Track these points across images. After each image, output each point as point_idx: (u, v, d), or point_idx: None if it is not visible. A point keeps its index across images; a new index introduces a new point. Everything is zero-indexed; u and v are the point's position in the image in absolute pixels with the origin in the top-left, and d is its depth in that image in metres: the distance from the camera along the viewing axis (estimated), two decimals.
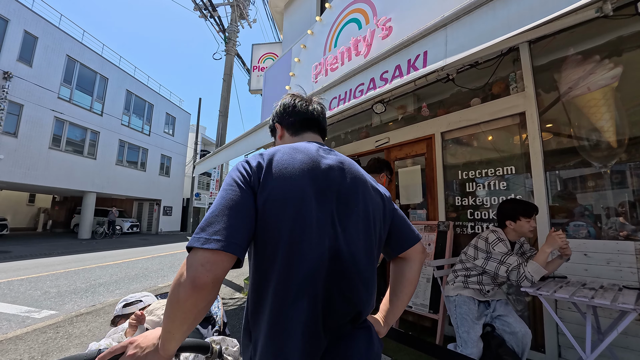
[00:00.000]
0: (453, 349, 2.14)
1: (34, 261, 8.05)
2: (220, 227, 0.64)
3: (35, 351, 2.82)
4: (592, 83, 2.42)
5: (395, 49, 1.85)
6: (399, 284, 0.94)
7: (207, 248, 0.62)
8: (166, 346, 0.67)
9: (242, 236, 0.66)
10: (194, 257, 0.62)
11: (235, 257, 0.65)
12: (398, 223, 0.92)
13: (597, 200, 2.44)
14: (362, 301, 0.77)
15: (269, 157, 0.77)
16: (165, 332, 0.66)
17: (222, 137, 8.46)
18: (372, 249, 0.82)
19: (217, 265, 0.62)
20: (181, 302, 0.61)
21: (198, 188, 24.75)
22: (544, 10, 1.14)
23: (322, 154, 0.83)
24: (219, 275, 0.62)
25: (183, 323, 0.63)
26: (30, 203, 19.12)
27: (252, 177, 0.73)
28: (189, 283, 0.60)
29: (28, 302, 4.48)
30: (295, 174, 0.74)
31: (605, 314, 2.10)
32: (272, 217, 0.70)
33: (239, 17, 9.81)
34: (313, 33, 4.58)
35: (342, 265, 0.74)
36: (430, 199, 3.45)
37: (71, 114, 14.05)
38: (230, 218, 0.66)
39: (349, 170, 0.84)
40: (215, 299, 0.64)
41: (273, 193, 0.71)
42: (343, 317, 0.74)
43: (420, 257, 0.93)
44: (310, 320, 0.69)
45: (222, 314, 1.50)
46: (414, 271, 0.92)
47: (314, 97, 1.01)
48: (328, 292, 0.72)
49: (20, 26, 12.07)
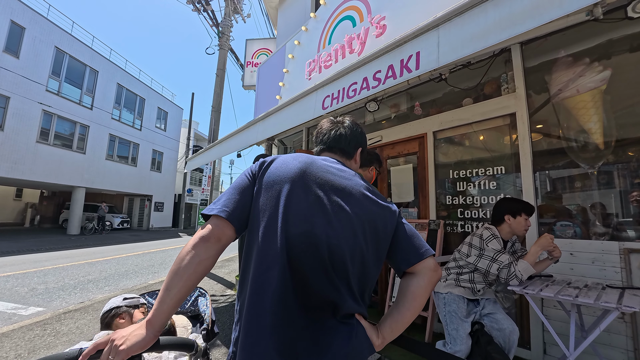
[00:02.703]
0: (442, 346, 2.17)
1: (21, 257, 7.89)
2: (222, 200, 0.86)
3: (22, 349, 2.78)
4: (581, 85, 2.46)
5: (388, 48, 1.85)
6: (403, 297, 0.88)
7: (209, 213, 0.83)
8: (158, 309, 0.74)
9: (235, 207, 0.84)
10: (206, 221, 0.84)
11: (229, 223, 0.82)
12: (404, 237, 0.90)
13: (584, 200, 2.49)
14: (339, 293, 0.78)
15: (272, 158, 0.93)
16: (163, 290, 0.74)
17: (214, 132, 8.38)
18: (359, 251, 0.82)
19: (216, 226, 0.81)
20: (187, 251, 0.76)
21: (190, 184, 24.52)
22: (535, 14, 1.15)
23: (327, 162, 0.94)
24: (218, 233, 0.80)
25: (182, 275, 0.74)
26: (17, 198, 18.70)
27: (255, 171, 0.91)
28: (198, 235, 0.79)
29: (15, 298, 4.40)
30: (289, 168, 0.87)
31: (590, 312, 2.15)
32: (260, 199, 0.85)
33: (233, 11, 9.70)
34: (307, 29, 4.55)
35: (317, 250, 0.78)
36: (421, 197, 3.47)
37: (60, 107, 13.73)
38: (230, 195, 0.86)
39: (348, 179, 0.91)
40: (215, 258, 0.79)
41: (265, 180, 0.87)
42: (320, 302, 0.78)
43: (430, 275, 0.86)
44: (280, 288, 0.76)
45: (211, 312, 1.50)
46: (420, 287, 0.86)
47: (346, 117, 1.12)
48: (299, 271, 0.78)
49: (6, 16, 11.72)
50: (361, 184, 0.92)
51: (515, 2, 1.22)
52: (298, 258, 0.78)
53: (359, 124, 1.16)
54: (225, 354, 2.73)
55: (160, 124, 21.29)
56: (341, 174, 0.91)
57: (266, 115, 3.31)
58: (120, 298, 1.55)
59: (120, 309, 1.50)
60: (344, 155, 1.06)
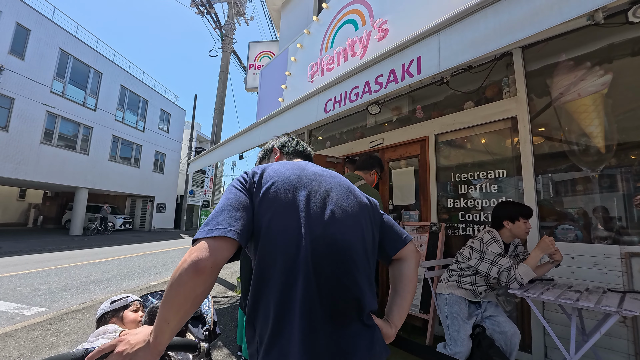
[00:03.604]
0: (442, 348, 2.17)
1: (24, 257, 7.94)
2: (220, 219, 0.73)
3: (25, 348, 2.80)
4: (582, 89, 2.47)
5: (390, 52, 1.86)
6: (400, 282, 0.96)
7: (209, 236, 0.69)
8: (159, 338, 0.68)
9: (240, 226, 0.74)
10: (197, 245, 0.69)
11: (235, 242, 0.71)
12: (388, 227, 0.98)
13: (586, 203, 2.49)
14: (360, 289, 0.79)
15: (263, 168, 0.89)
16: (161, 321, 0.68)
17: (217, 134, 8.42)
18: (367, 244, 0.87)
19: (217, 251, 0.68)
20: (181, 284, 0.65)
21: (192, 185, 24.60)
22: (535, 21, 1.16)
23: (310, 167, 0.95)
24: (219, 260, 0.68)
25: (180, 309, 0.66)
26: (20, 198, 18.81)
27: (248, 182, 0.84)
28: (191, 266, 0.65)
29: (17, 298, 4.43)
30: (287, 175, 0.85)
31: (590, 316, 2.15)
32: (268, 213, 0.78)
33: (236, 14, 9.76)
34: (310, 32, 4.58)
35: (337, 251, 0.79)
36: (423, 200, 3.48)
37: (64, 108, 13.83)
38: (230, 212, 0.75)
39: (336, 177, 0.94)
40: (212, 286, 0.68)
41: (267, 192, 0.81)
42: (345, 305, 0.77)
43: (415, 256, 0.98)
44: (305, 300, 0.72)
45: (213, 313, 1.51)
46: (411, 269, 0.96)
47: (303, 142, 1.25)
48: (324, 277, 0.76)
49: (12, 18, 11.85)
50: (347, 181, 0.97)
51: (515, 9, 1.23)
52: (322, 264, 0.77)
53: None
54: (227, 355, 2.74)
55: (163, 125, 21.39)
56: (329, 174, 0.94)
57: (268, 118, 3.33)
58: (108, 302, 1.55)
59: (107, 314, 1.50)
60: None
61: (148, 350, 0.69)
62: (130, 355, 0.69)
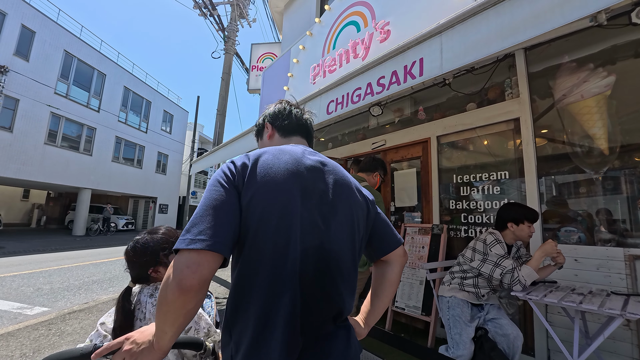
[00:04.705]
0: (444, 351, 2.16)
1: (27, 257, 7.98)
2: (204, 227, 0.64)
3: (27, 348, 2.81)
4: (585, 91, 2.46)
5: (392, 54, 1.86)
6: (380, 285, 0.96)
7: (192, 248, 0.61)
8: (160, 343, 0.68)
9: (227, 234, 0.66)
10: (179, 259, 0.62)
11: (221, 256, 0.65)
12: (381, 226, 0.94)
13: (589, 206, 2.47)
14: (343, 300, 0.78)
15: (254, 157, 0.77)
16: (158, 330, 0.66)
17: (219, 135, 8.44)
18: (355, 250, 0.84)
19: (202, 266, 0.61)
20: (170, 303, 0.61)
21: (195, 186, 24.66)
22: (537, 22, 1.16)
23: (308, 155, 0.84)
24: (206, 275, 0.62)
25: (174, 323, 0.63)
26: (24, 198, 18.93)
27: (236, 176, 0.73)
28: (176, 285, 0.59)
29: (20, 298, 4.45)
30: (280, 173, 0.75)
31: (594, 319, 2.13)
32: (256, 215, 0.70)
33: (239, 16, 9.80)
34: (312, 34, 4.60)
35: (326, 263, 0.75)
36: (425, 202, 3.47)
37: (68, 109, 13.92)
38: (214, 217, 0.66)
39: (334, 172, 0.85)
40: (204, 298, 0.64)
41: (258, 192, 0.72)
42: (324, 315, 0.75)
43: (401, 260, 0.95)
44: (289, 315, 0.68)
45: (215, 314, 1.51)
46: (395, 273, 0.94)
47: (306, 108, 1.10)
48: (310, 290, 0.72)
49: (17, 20, 11.96)
50: (346, 175, 0.88)
51: (517, 11, 1.23)
52: (310, 275, 0.73)
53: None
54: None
55: (166, 126, 21.48)
56: (327, 168, 0.85)
57: None
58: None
59: None
60: (309, 143, 1.03)
61: (153, 351, 0.70)
62: (137, 354, 0.71)
